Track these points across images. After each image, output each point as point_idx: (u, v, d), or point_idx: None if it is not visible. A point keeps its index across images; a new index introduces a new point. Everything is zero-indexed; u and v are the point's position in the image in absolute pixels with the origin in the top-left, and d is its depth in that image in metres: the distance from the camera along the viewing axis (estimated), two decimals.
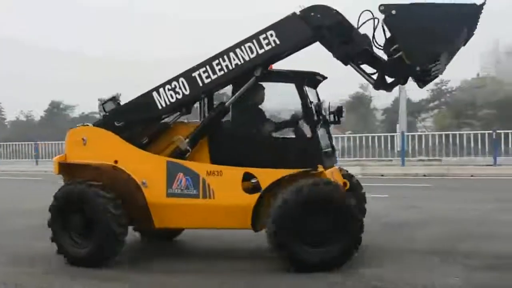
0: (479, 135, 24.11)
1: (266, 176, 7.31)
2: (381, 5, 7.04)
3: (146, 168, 7.54)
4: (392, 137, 27.68)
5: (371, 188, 16.56)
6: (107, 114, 7.98)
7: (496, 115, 48.17)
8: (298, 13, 7.42)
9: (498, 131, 23.61)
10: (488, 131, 24.14)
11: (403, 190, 16.79)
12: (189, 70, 7.67)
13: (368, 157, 25.10)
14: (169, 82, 7.72)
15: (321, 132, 7.78)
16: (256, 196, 7.28)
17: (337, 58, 7.53)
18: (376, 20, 7.29)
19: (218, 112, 7.68)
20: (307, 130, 7.57)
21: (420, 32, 7.01)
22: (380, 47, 7.45)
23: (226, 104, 7.66)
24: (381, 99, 65.07)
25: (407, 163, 23.51)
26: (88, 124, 8.04)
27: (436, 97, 67.16)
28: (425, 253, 7.89)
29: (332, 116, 8.13)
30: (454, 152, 24.12)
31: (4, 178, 25.69)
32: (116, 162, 7.51)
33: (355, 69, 7.67)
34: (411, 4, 7.12)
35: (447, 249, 8.12)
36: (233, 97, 7.66)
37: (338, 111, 8.14)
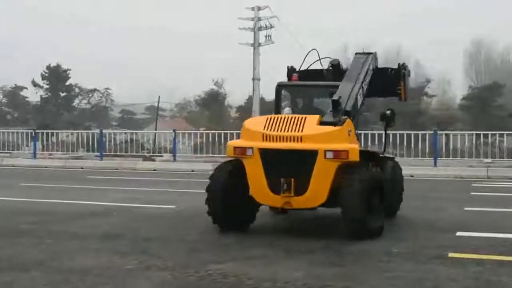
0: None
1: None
2: (404, 63, 11.60)
3: None
4: None
5: None
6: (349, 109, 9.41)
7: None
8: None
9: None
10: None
11: None
12: (359, 81, 10.18)
13: (221, 154, 25.25)
14: (358, 87, 10.03)
15: None
16: None
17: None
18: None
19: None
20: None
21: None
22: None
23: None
24: (236, 97, 66.03)
25: None
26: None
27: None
28: (269, 247, 8.05)
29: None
30: None
31: None
32: None
33: None
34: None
35: (290, 244, 8.30)
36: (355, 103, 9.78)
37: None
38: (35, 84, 71.03)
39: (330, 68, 11.12)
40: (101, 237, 8.78)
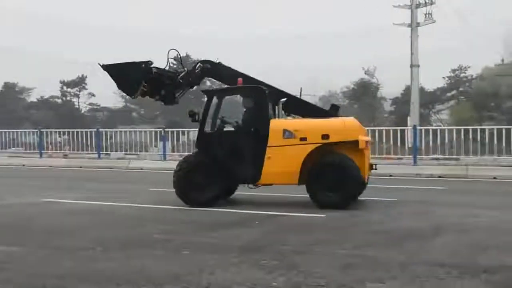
0: (504, 130, 24.07)
1: None
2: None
3: None
4: (403, 131, 27.66)
5: (377, 190, 16.64)
6: None
7: None
8: None
9: None
10: None
11: (415, 192, 16.82)
12: None
13: (375, 154, 25.02)
14: None
15: None
16: None
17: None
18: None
19: None
20: None
21: None
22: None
23: None
24: (390, 87, 65.19)
25: (420, 162, 23.55)
26: None
27: (454, 86, 67.33)
28: (439, 266, 7.86)
29: None
30: (474, 150, 24.15)
31: None
32: None
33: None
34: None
35: (465, 262, 8.11)
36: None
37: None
38: None
39: (198, 70, 14.88)
40: (242, 249, 8.98)
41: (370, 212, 12.81)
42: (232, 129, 14.41)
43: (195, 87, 15.83)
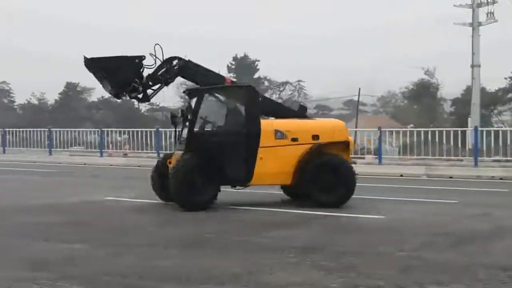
0: None
1: None
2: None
3: None
4: (463, 132, 27.31)
5: (437, 192, 16.50)
6: None
7: None
8: None
9: None
10: None
11: (476, 195, 16.62)
12: None
13: (435, 156, 24.79)
14: None
15: None
16: None
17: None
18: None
19: None
20: None
21: None
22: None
23: None
24: (450, 88, 64.33)
25: (481, 164, 23.22)
26: None
27: None
28: (501, 269, 7.76)
29: None
30: None
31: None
32: None
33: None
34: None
35: None
36: None
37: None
38: None
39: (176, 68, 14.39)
40: (300, 250, 8.99)
41: (429, 214, 12.68)
42: (222, 129, 14.20)
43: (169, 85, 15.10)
